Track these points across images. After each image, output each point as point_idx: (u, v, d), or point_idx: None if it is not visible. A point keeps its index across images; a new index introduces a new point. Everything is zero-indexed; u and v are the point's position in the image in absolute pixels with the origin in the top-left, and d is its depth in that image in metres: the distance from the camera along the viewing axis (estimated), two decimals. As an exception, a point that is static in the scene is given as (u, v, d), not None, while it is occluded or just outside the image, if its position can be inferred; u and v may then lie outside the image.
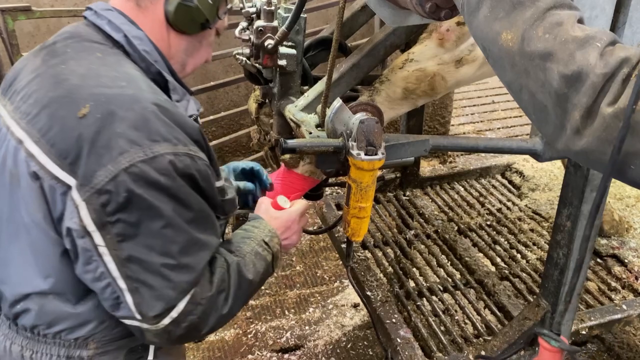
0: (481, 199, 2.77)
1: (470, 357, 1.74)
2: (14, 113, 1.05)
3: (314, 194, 1.69)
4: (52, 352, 1.09)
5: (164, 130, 0.98)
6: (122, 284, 0.98)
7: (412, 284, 2.18)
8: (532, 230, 2.54)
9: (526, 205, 2.74)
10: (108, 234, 0.95)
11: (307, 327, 2.88)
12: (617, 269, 2.28)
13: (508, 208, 2.71)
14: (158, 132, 0.97)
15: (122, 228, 0.96)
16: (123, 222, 0.95)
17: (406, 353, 1.75)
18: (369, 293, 1.98)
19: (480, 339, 1.91)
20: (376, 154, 1.24)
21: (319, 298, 3.10)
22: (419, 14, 1.07)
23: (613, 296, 2.13)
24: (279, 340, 2.80)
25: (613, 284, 2.20)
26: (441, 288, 2.15)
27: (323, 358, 2.70)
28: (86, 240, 0.96)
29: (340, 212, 2.24)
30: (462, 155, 4.44)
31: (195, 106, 1.15)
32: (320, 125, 1.43)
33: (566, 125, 0.75)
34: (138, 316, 1.01)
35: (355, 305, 3.03)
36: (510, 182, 2.97)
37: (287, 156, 1.52)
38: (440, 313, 2.00)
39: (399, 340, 1.79)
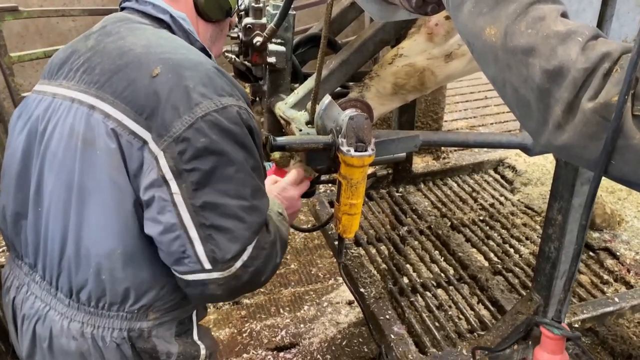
0: (474, 194, 2.78)
1: (464, 352, 1.74)
2: (78, 86, 1.10)
3: (306, 192, 1.69)
4: (114, 326, 1.10)
5: (227, 87, 1.08)
6: (193, 233, 1.01)
7: (405, 280, 2.18)
8: (524, 224, 2.54)
9: (519, 200, 2.74)
10: (184, 183, 1.00)
11: (302, 325, 2.88)
12: (610, 262, 2.29)
13: (501, 203, 2.72)
14: (223, 88, 1.06)
15: (197, 176, 1.01)
16: (198, 170, 1.01)
17: (400, 349, 1.75)
18: (362, 290, 1.98)
19: (474, 334, 1.91)
20: (366, 150, 1.24)
21: (313, 296, 3.09)
22: (406, 8, 1.07)
23: (605, 289, 2.14)
24: (274, 339, 2.80)
25: (605, 276, 2.21)
26: (435, 284, 2.15)
27: (318, 356, 2.70)
28: (163, 189, 1.00)
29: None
30: (455, 151, 4.45)
31: None
32: (310, 123, 1.42)
33: (548, 120, 0.75)
34: (208, 266, 1.03)
35: (350, 303, 3.03)
36: (502, 177, 2.97)
37: (277, 155, 1.52)
38: (434, 309, 2.00)
39: (392, 336, 1.79)
